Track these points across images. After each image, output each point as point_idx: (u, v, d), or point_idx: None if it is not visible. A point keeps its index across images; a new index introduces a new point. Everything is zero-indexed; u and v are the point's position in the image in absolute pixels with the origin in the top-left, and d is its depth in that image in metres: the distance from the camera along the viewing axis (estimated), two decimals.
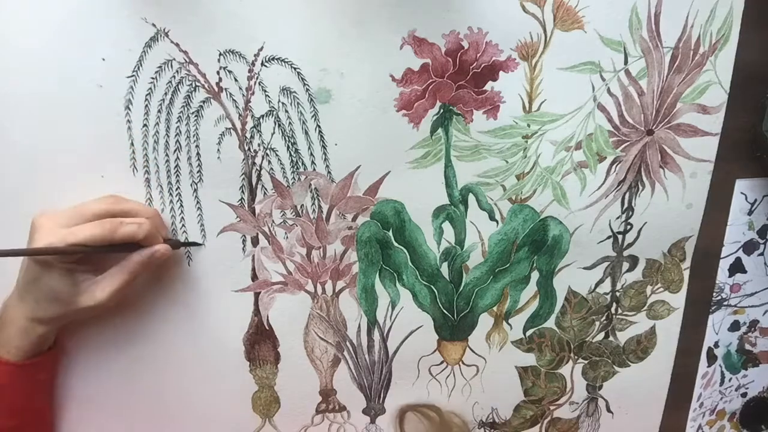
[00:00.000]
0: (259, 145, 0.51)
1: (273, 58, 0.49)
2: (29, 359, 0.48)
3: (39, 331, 0.47)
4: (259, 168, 0.52)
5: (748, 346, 0.67)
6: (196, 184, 0.51)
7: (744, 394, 0.69)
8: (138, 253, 0.47)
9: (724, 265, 0.62)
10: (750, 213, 0.61)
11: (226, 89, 0.49)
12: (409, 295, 0.57)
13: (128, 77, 0.48)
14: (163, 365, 0.56)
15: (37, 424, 0.53)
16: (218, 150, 0.51)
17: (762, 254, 0.63)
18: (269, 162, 0.52)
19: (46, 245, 0.43)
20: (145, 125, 0.49)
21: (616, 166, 0.56)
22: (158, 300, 0.54)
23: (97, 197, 0.48)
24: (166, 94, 0.49)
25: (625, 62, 0.53)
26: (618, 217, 0.58)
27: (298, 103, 0.50)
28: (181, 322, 0.55)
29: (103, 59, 0.47)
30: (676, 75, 0.54)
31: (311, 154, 0.52)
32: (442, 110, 0.52)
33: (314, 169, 0.52)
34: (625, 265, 0.60)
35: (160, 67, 0.48)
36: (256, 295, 0.55)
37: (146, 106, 0.49)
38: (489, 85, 0.52)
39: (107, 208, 0.47)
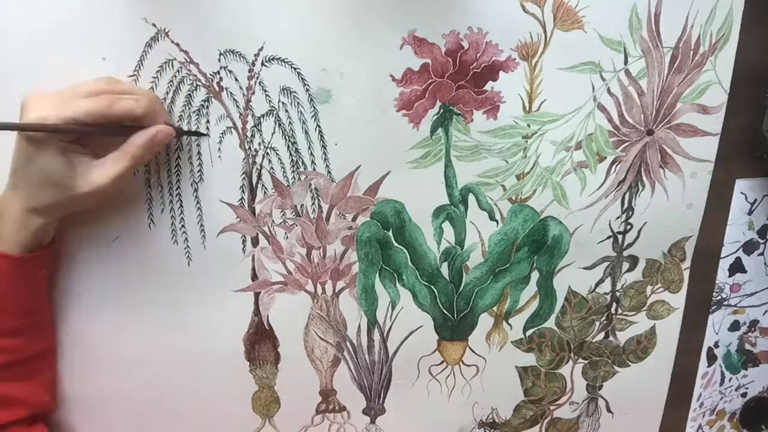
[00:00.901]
0: (259, 144, 0.51)
1: (273, 58, 0.49)
2: (29, 253, 0.45)
3: (36, 223, 0.44)
4: (259, 167, 0.52)
5: (748, 346, 0.67)
6: (197, 183, 0.51)
7: (744, 394, 0.69)
8: (139, 134, 0.44)
9: (724, 265, 0.62)
10: (750, 213, 0.61)
11: (226, 89, 0.49)
12: (409, 295, 0.58)
13: (129, 77, 0.48)
14: (163, 365, 0.56)
15: (38, 326, 0.50)
16: (219, 149, 0.51)
17: (762, 254, 0.63)
18: (269, 161, 0.52)
19: (38, 120, 0.40)
20: None
21: (616, 166, 0.56)
22: (158, 300, 0.54)
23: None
24: (167, 93, 0.49)
25: (625, 62, 0.53)
26: (618, 217, 0.58)
27: (298, 103, 0.50)
28: (181, 322, 0.55)
29: (104, 59, 0.47)
30: (676, 75, 0.54)
31: (311, 153, 0.52)
32: (442, 110, 0.52)
33: (314, 169, 0.52)
34: (625, 265, 0.60)
35: (160, 66, 0.48)
36: (256, 295, 0.55)
37: None
38: (489, 85, 0.52)
39: (103, 87, 0.44)
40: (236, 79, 0.49)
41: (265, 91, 0.50)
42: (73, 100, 0.42)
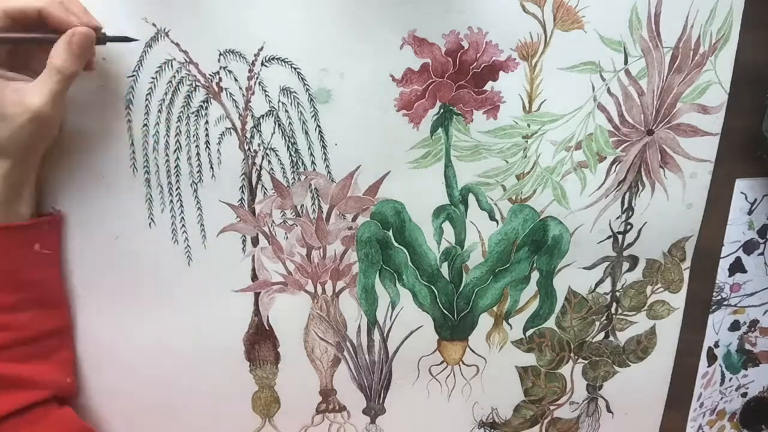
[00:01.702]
0: (259, 144, 0.51)
1: (273, 58, 0.49)
2: (13, 224, 0.44)
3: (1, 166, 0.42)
4: (259, 168, 0.52)
5: (748, 346, 0.67)
6: (196, 184, 0.51)
7: (744, 394, 0.69)
8: (57, 43, 0.41)
9: (724, 264, 0.62)
10: (750, 213, 0.61)
11: (226, 89, 0.49)
12: (409, 295, 0.57)
13: (128, 77, 0.48)
14: (163, 365, 0.56)
15: (44, 303, 0.49)
16: (218, 150, 0.51)
17: (762, 254, 0.63)
18: (269, 162, 0.52)
19: None
20: (145, 125, 0.49)
21: (616, 166, 0.56)
22: (158, 300, 0.54)
23: None
24: (166, 93, 0.49)
25: (625, 62, 0.53)
26: (618, 217, 0.58)
27: (298, 103, 0.50)
28: (181, 322, 0.55)
29: (104, 59, 0.47)
30: (676, 75, 0.54)
31: (311, 154, 0.52)
32: (442, 110, 0.52)
33: (314, 169, 0.52)
34: (625, 265, 0.60)
35: (160, 67, 0.48)
36: (256, 295, 0.55)
37: (146, 105, 0.49)
38: (489, 85, 0.52)
39: None
40: (236, 80, 0.49)
41: (265, 91, 0.50)
42: None
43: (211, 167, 0.51)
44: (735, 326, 0.65)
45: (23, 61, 0.44)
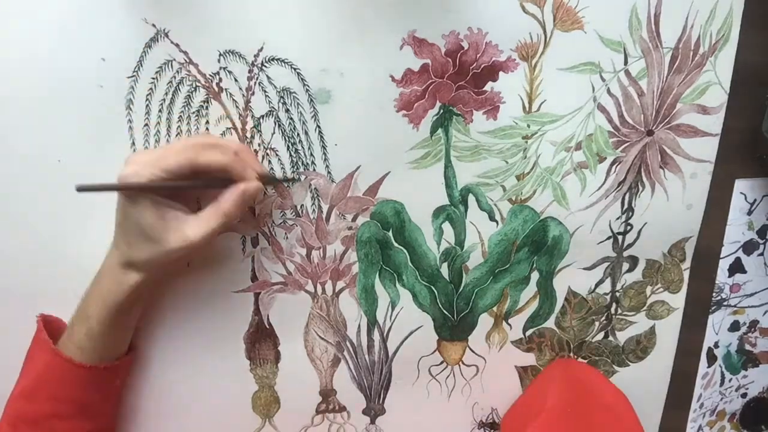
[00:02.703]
0: (259, 144, 0.51)
1: (273, 59, 0.49)
2: (109, 363, 0.48)
3: (132, 278, 0.46)
4: None
5: (748, 347, 0.67)
6: None
7: (744, 395, 0.69)
8: (230, 191, 0.45)
9: (723, 265, 0.62)
10: (750, 213, 0.61)
11: (226, 89, 0.49)
12: (409, 295, 0.58)
13: (129, 77, 0.48)
14: (163, 365, 0.56)
15: (106, 428, 0.53)
16: None
17: (762, 254, 0.63)
18: (269, 162, 0.52)
19: (132, 173, 0.42)
20: (146, 125, 0.49)
21: (616, 166, 0.56)
22: (157, 300, 0.54)
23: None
24: (166, 94, 0.49)
25: (625, 63, 0.53)
26: (618, 218, 0.58)
27: (298, 103, 0.50)
28: (180, 322, 0.55)
29: (103, 59, 0.47)
30: (676, 75, 0.54)
31: (311, 154, 0.52)
32: (441, 111, 0.52)
33: (314, 170, 0.52)
34: (625, 266, 0.60)
35: (160, 67, 0.48)
36: (256, 294, 0.55)
37: (147, 106, 0.49)
38: (489, 86, 0.52)
39: (193, 142, 0.45)
40: (236, 80, 0.49)
41: (265, 91, 0.50)
42: (165, 155, 0.43)
43: None
44: (735, 327, 0.65)
45: (177, 196, 0.46)
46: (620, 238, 0.59)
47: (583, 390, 0.57)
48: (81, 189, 0.42)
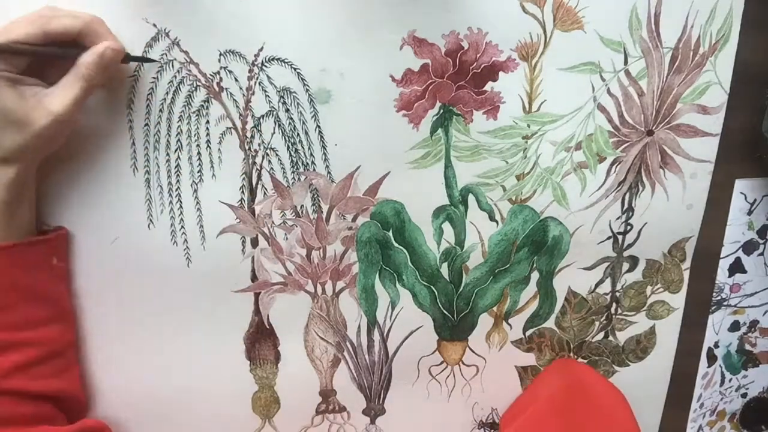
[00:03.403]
0: (259, 144, 0.51)
1: (273, 59, 0.49)
2: (33, 237, 0.45)
3: (7, 174, 0.42)
4: (259, 168, 0.52)
5: (748, 347, 0.67)
6: (197, 184, 0.51)
7: (744, 395, 0.69)
8: (87, 53, 0.43)
9: (723, 265, 0.62)
10: (750, 213, 0.61)
11: (226, 89, 0.49)
12: (409, 295, 0.58)
13: (129, 77, 0.48)
14: (162, 365, 0.56)
15: (65, 316, 0.50)
16: (219, 149, 0.51)
17: (762, 254, 0.63)
18: (269, 162, 0.52)
19: None
20: (146, 125, 0.49)
21: (616, 166, 0.56)
22: (157, 301, 0.54)
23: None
24: (167, 93, 0.49)
25: (625, 62, 0.53)
26: (618, 218, 0.58)
27: (298, 103, 0.50)
28: (180, 322, 0.54)
29: None
30: (676, 75, 0.54)
31: (311, 154, 0.52)
32: (442, 111, 0.52)
33: (314, 170, 0.52)
34: (625, 266, 0.60)
35: (161, 67, 0.48)
36: (256, 295, 0.55)
37: (147, 106, 0.49)
38: (489, 86, 0.52)
39: (41, 12, 0.42)
40: (236, 80, 0.49)
41: (265, 91, 0.50)
42: (9, 26, 0.41)
43: (212, 167, 0.51)
44: (735, 327, 0.65)
45: (38, 70, 0.44)
46: (620, 238, 0.59)
47: (580, 389, 0.58)
48: None
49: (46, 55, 0.43)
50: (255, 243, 0.54)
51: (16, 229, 0.45)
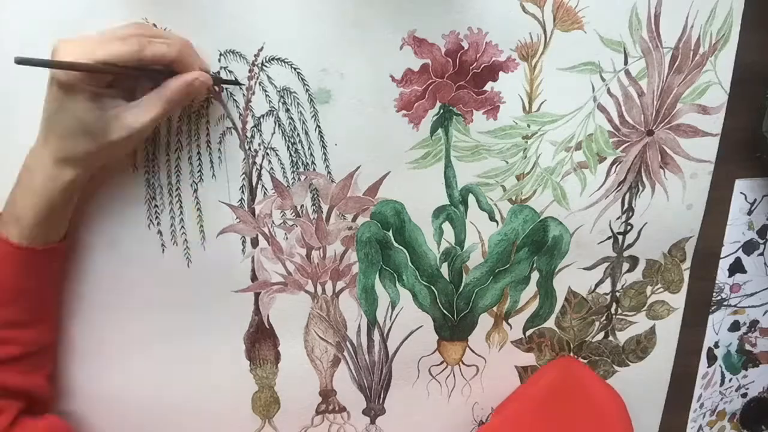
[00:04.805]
0: (259, 144, 0.51)
1: (273, 59, 0.49)
2: (47, 245, 0.45)
3: (67, 175, 0.43)
4: (259, 167, 0.52)
5: (748, 347, 0.67)
6: (197, 183, 0.51)
7: (744, 395, 0.69)
8: (176, 78, 0.44)
9: (724, 265, 0.62)
10: (750, 213, 0.61)
11: (226, 89, 0.49)
12: (409, 295, 0.57)
13: None
14: (162, 365, 0.56)
15: (48, 320, 0.50)
16: (219, 149, 0.51)
17: (762, 254, 0.63)
18: (269, 162, 0.52)
19: (73, 57, 0.39)
20: None
21: (616, 166, 0.56)
22: (157, 300, 0.54)
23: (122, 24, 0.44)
24: None
25: (625, 62, 0.53)
26: (618, 218, 0.58)
27: (298, 103, 0.50)
28: (180, 322, 0.54)
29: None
30: (676, 75, 0.54)
31: (311, 154, 0.52)
32: (442, 111, 0.52)
33: (314, 170, 0.52)
34: (625, 266, 0.60)
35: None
36: (256, 295, 0.55)
37: None
38: (489, 86, 0.52)
39: (134, 31, 0.43)
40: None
41: (265, 91, 0.50)
42: (104, 44, 0.41)
43: (212, 167, 0.51)
44: (735, 327, 0.65)
45: (116, 85, 0.44)
46: (620, 238, 0.59)
47: (576, 387, 0.58)
48: (20, 62, 0.39)
49: (134, 76, 0.44)
50: (255, 243, 0.54)
51: (45, 233, 0.45)
